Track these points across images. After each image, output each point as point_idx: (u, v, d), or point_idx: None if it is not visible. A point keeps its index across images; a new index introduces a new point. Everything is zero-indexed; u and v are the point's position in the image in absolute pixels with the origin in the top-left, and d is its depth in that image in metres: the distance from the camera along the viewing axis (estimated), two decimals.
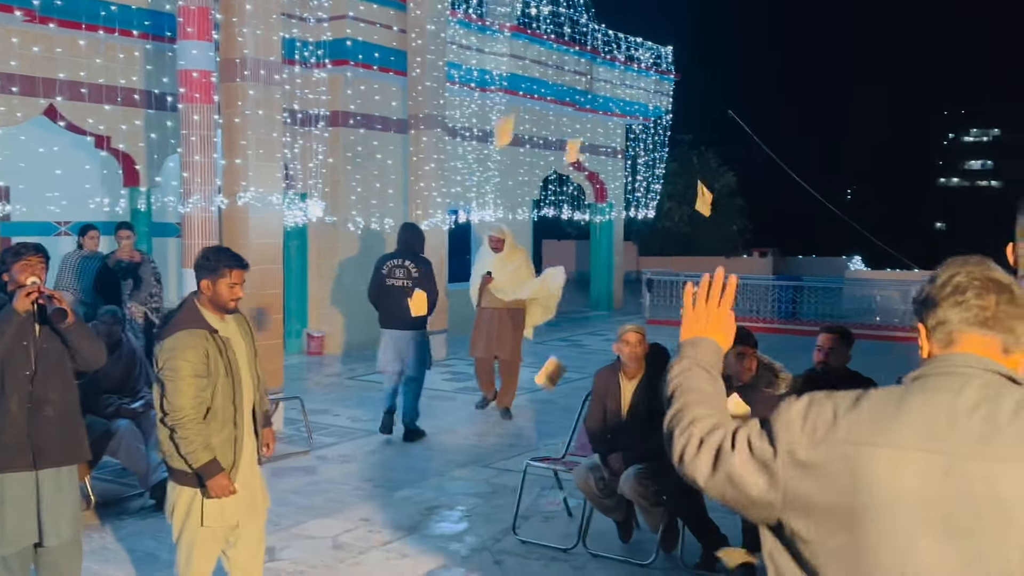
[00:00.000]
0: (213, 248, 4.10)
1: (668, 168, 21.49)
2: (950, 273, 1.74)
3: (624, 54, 17.83)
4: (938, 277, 1.75)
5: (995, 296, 1.69)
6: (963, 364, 1.67)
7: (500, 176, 15.12)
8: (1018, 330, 1.69)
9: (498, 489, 6.60)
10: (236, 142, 8.32)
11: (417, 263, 7.99)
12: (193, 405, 3.80)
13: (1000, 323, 1.69)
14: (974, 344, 1.69)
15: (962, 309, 1.70)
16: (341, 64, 11.89)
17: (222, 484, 3.84)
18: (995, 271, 1.73)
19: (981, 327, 1.69)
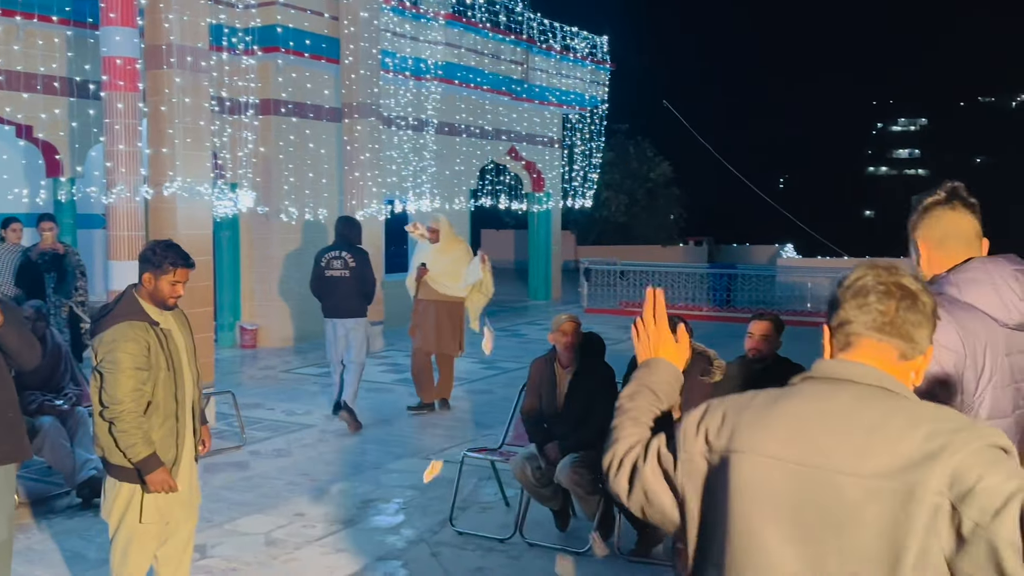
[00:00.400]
0: (162, 243, 3.96)
1: (605, 158, 21.62)
2: (857, 275, 1.73)
3: (560, 43, 17.84)
4: (846, 279, 1.75)
5: (896, 302, 1.68)
6: (844, 372, 1.69)
7: (437, 166, 15.03)
8: (916, 337, 1.69)
9: (435, 481, 6.52)
10: (163, 131, 8.10)
11: (353, 254, 8.13)
12: (133, 398, 3.70)
13: (898, 329, 1.68)
14: (870, 349, 1.69)
15: (863, 312, 1.70)
16: (271, 51, 11.68)
17: (162, 479, 3.75)
18: (903, 277, 1.72)
19: (879, 332, 1.68)
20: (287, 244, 12.56)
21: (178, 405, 3.87)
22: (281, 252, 12.52)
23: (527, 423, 5.51)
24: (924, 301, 1.70)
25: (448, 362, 8.84)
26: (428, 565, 5.02)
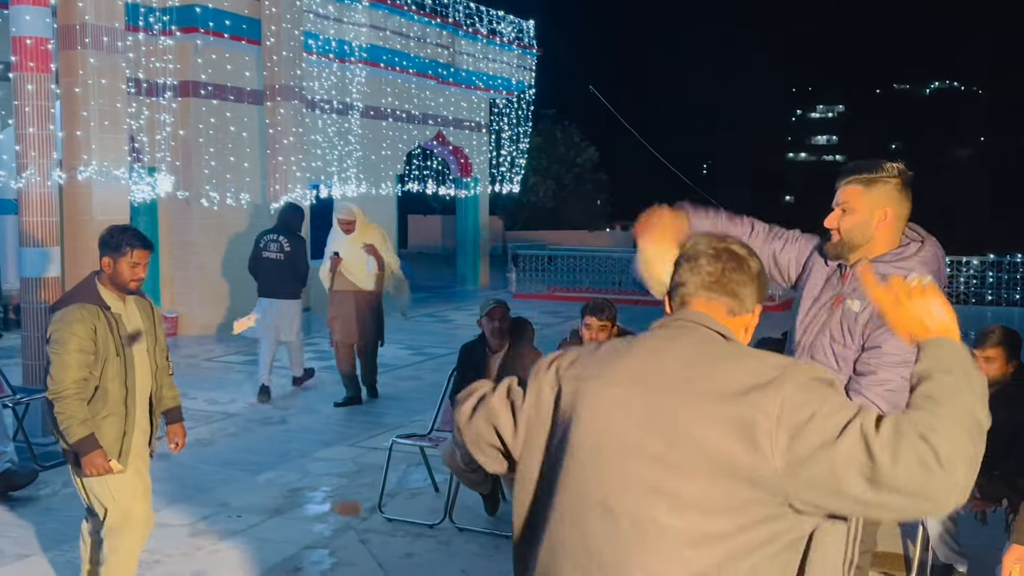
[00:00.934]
0: (119, 226, 3.97)
1: (532, 143, 21.64)
2: (691, 243, 1.95)
3: (486, 28, 17.77)
4: (683, 248, 1.97)
5: (723, 264, 1.88)
6: (689, 317, 1.87)
7: (362, 150, 14.85)
8: (742, 294, 1.88)
9: (364, 468, 6.51)
10: (76, 113, 7.84)
11: (289, 239, 8.55)
12: (75, 380, 3.67)
13: (725, 287, 1.88)
14: (701, 306, 1.88)
15: (694, 274, 1.89)
16: (190, 32, 11.38)
17: (97, 462, 3.68)
18: (732, 244, 1.92)
19: (707, 290, 1.88)
20: (208, 230, 12.29)
21: (128, 393, 3.80)
22: (201, 238, 12.25)
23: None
24: (750, 264, 1.90)
25: (371, 352, 8.59)
26: (357, 552, 4.98)
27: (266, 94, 12.40)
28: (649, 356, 1.82)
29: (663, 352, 1.81)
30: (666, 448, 1.69)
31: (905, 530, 4.81)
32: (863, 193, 2.85)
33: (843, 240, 2.88)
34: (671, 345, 1.82)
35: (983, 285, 15.60)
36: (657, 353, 1.82)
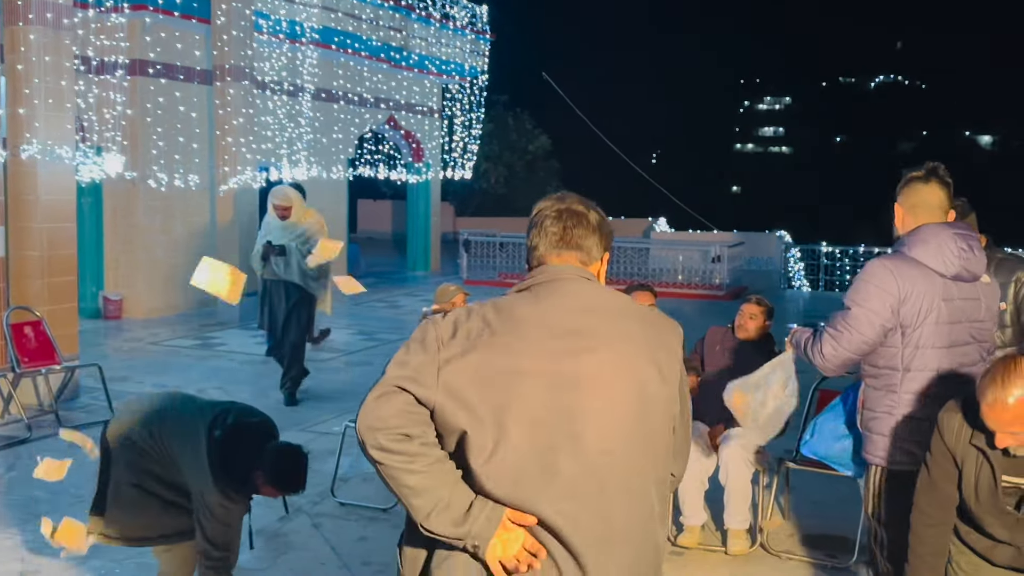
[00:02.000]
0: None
1: (484, 129, 21.58)
2: (539, 208, 2.16)
3: (439, 12, 17.68)
4: (532, 214, 2.16)
5: (565, 222, 2.09)
6: (558, 273, 2.06)
7: (313, 133, 14.70)
8: (586, 246, 2.10)
9: (315, 453, 6.44)
10: (20, 90, 7.65)
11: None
12: None
13: (570, 242, 2.09)
14: (555, 261, 2.09)
15: (543, 236, 2.11)
16: (139, 9, 11.16)
17: None
18: (572, 203, 2.13)
19: (556, 247, 2.10)
20: (154, 212, 12.09)
21: None
22: (148, 220, 12.04)
23: None
24: (589, 219, 2.12)
25: (294, 349, 7.88)
26: (309, 537, 4.98)
27: (216, 74, 12.21)
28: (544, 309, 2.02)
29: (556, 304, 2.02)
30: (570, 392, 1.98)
31: (849, 513, 4.94)
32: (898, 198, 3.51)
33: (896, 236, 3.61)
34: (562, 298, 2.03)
35: None
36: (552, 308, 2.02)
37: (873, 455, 3.37)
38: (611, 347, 1.99)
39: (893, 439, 3.29)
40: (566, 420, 1.93)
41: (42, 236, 7.68)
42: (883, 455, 3.33)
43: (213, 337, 10.77)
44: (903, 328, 3.25)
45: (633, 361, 2.00)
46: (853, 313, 3.29)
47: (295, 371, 7.91)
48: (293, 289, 7.72)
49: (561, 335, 1.97)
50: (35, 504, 5.37)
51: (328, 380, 8.86)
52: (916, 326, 3.23)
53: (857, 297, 3.30)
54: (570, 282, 2.05)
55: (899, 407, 3.29)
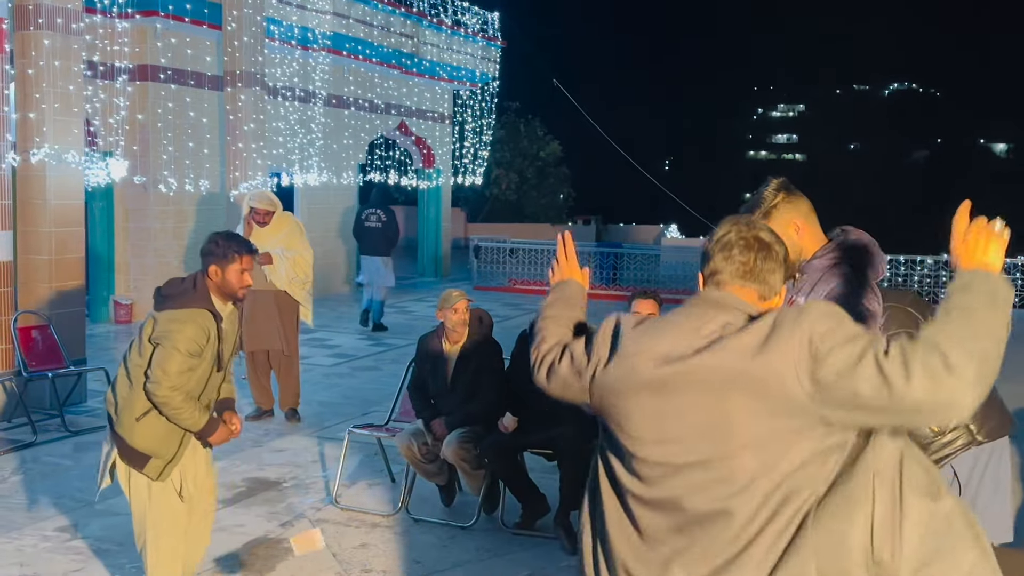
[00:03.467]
0: (222, 233, 3.94)
1: (495, 135, 21.61)
2: (723, 231, 2.11)
3: (451, 18, 17.70)
4: (715, 234, 2.12)
5: (755, 253, 2.06)
6: (724, 300, 2.05)
7: (324, 139, 14.74)
8: (771, 281, 2.07)
9: (320, 458, 6.47)
10: (30, 95, 7.67)
11: (385, 212, 11.66)
12: (174, 383, 3.64)
13: (757, 276, 2.06)
14: (736, 291, 2.06)
15: (728, 263, 2.06)
16: (150, 15, 11.20)
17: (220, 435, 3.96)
18: (760, 231, 2.09)
19: (743, 279, 2.06)
20: (165, 216, 12.12)
21: (199, 400, 3.80)
22: (158, 224, 12.08)
23: (414, 399, 5.49)
24: (776, 251, 2.08)
25: (288, 364, 7.45)
26: None
27: (226, 80, 12.24)
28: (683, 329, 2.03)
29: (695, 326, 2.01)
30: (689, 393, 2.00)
31: None
32: (773, 223, 3.01)
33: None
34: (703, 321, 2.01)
35: (936, 284, 15.87)
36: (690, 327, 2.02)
37: None
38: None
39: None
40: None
41: (51, 240, 7.70)
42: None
43: None
44: None
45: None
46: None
47: (293, 385, 7.50)
48: (282, 297, 7.30)
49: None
50: (38, 508, 5.38)
51: (334, 385, 8.85)
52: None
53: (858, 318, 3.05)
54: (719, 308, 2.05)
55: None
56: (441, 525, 5.23)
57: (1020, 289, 15.46)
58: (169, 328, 3.66)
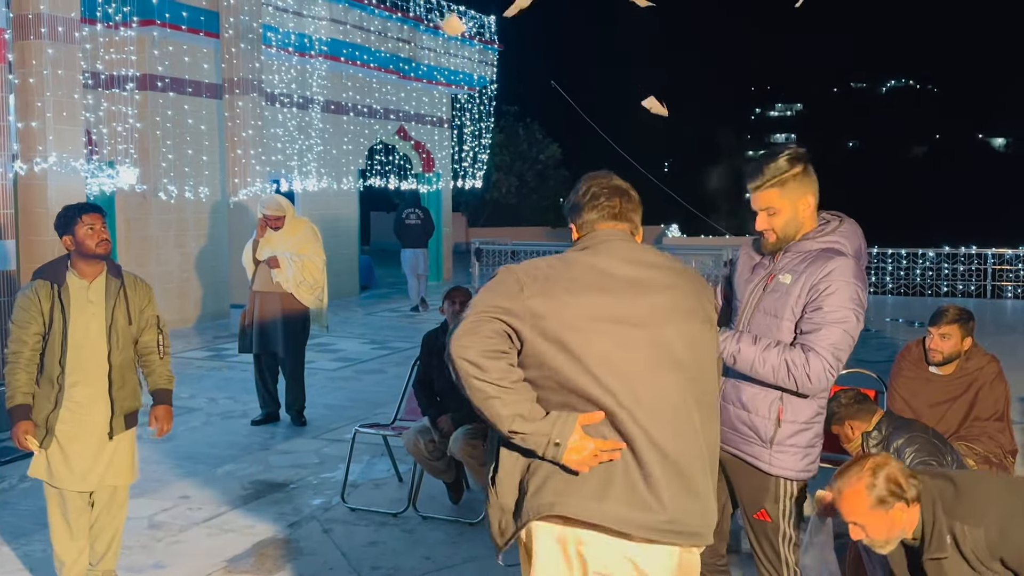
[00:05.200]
0: (63, 207, 4.05)
1: (494, 139, 21.62)
2: (586, 186, 2.54)
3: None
4: (579, 190, 2.54)
5: (619, 198, 2.51)
6: (608, 235, 2.48)
7: (323, 145, 14.76)
8: (635, 219, 2.54)
9: (326, 459, 6.48)
10: (32, 104, 7.73)
11: (421, 211, 14.25)
12: (15, 350, 3.88)
13: (624, 216, 2.51)
14: (608, 228, 2.49)
15: (598, 210, 2.50)
16: (147, 24, 11.23)
17: (17, 434, 3.88)
18: (616, 180, 2.54)
19: (612, 220, 2.50)
20: (166, 224, 12.14)
21: (61, 371, 3.87)
22: (160, 232, 12.09)
23: (419, 396, 5.49)
24: (633, 195, 2.55)
25: (296, 370, 7.48)
26: (320, 542, 4.96)
27: (225, 87, 12.27)
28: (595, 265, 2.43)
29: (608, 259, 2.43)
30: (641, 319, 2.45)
31: None
32: (782, 193, 3.04)
33: (780, 237, 3.10)
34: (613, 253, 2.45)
35: (939, 276, 15.86)
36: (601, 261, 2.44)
37: (786, 469, 3.11)
38: (665, 292, 2.41)
39: (809, 450, 3.14)
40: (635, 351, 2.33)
41: (53, 249, 7.72)
42: (799, 467, 3.12)
43: (225, 348, 10.78)
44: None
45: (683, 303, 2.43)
46: (854, 322, 2.96)
47: (300, 388, 7.49)
48: (289, 300, 7.27)
49: (622, 282, 2.37)
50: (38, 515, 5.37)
51: (339, 388, 8.85)
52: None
53: (857, 302, 2.97)
54: (623, 241, 2.47)
55: (819, 416, 3.14)
56: (450, 522, 5.23)
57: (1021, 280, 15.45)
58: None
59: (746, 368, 3.04)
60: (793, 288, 3.04)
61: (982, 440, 4.42)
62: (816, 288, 2.98)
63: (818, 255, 3.04)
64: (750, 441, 3.13)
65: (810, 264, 3.03)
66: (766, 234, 3.12)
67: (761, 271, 3.20)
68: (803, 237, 3.09)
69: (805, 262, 3.05)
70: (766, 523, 3.16)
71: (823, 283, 2.97)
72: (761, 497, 3.14)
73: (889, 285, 16.28)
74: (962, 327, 4.50)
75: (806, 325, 2.99)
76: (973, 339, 4.60)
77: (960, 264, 15.91)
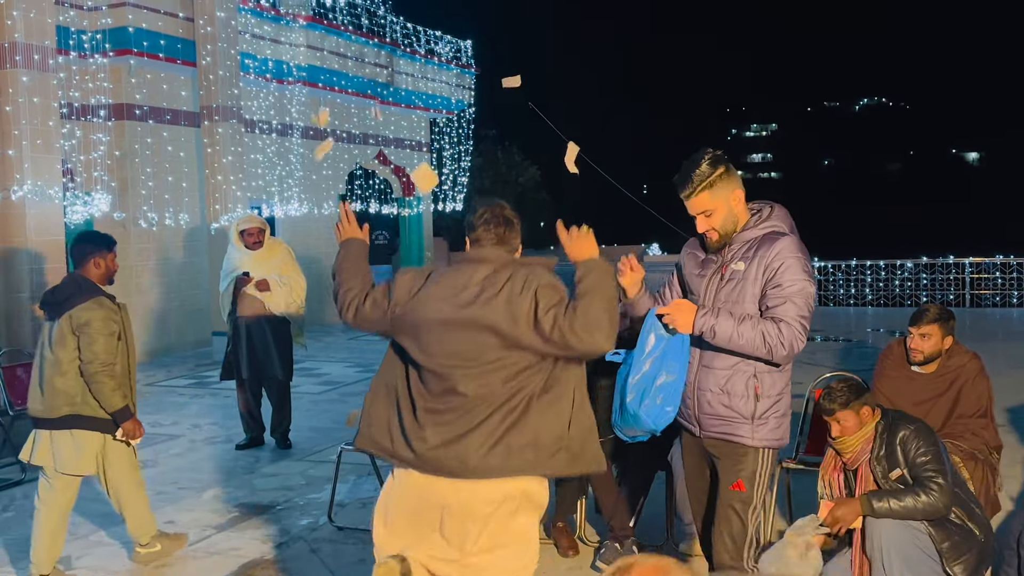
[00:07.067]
0: (89, 231, 4.89)
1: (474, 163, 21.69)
2: (482, 210, 3.02)
3: (424, 47, 17.83)
4: (476, 211, 3.03)
5: (504, 227, 2.99)
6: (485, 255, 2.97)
7: (303, 170, 14.76)
8: (513, 243, 3.01)
9: (312, 481, 6.43)
10: (8, 132, 7.71)
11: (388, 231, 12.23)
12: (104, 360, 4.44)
13: (505, 241, 2.99)
14: (490, 250, 2.97)
15: (488, 233, 2.98)
16: (123, 53, 11.23)
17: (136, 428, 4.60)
18: (506, 209, 3.02)
19: (495, 244, 2.98)
20: (146, 252, 12.07)
21: (131, 374, 4.60)
22: (140, 261, 12.02)
23: None
24: (514, 222, 3.03)
25: (284, 391, 7.43)
26: (308, 562, 4.91)
27: (203, 114, 12.27)
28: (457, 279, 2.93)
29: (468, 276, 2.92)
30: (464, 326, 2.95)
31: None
32: (712, 195, 3.33)
33: (722, 234, 3.39)
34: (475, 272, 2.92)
35: (917, 287, 16.00)
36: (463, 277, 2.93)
37: (766, 439, 3.37)
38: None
39: (783, 419, 3.41)
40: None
41: (32, 278, 7.67)
42: (777, 436, 3.39)
43: (208, 376, 10.71)
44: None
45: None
46: (810, 290, 3.27)
47: (286, 411, 7.43)
48: (278, 324, 7.22)
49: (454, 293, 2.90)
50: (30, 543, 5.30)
51: (324, 411, 8.81)
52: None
53: (807, 272, 3.27)
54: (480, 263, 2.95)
55: (788, 387, 3.42)
56: None
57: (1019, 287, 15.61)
58: (85, 318, 4.39)
59: (724, 341, 3.26)
60: (748, 273, 3.31)
61: (966, 437, 4.45)
62: (771, 267, 3.26)
63: (763, 239, 3.32)
64: (733, 421, 3.37)
65: (758, 248, 3.31)
66: (708, 234, 3.41)
67: (712, 265, 3.46)
68: (743, 228, 3.37)
69: (752, 248, 3.33)
70: (740, 493, 3.38)
71: (776, 261, 3.26)
72: (740, 468, 3.38)
73: (869, 296, 16.39)
74: (942, 326, 4.54)
75: (771, 301, 3.27)
76: (954, 337, 4.63)
77: (938, 274, 16.06)
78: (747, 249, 3.33)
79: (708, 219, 3.35)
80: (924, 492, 3.60)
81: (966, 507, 3.78)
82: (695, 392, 3.43)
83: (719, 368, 3.36)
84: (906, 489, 3.65)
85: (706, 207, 3.33)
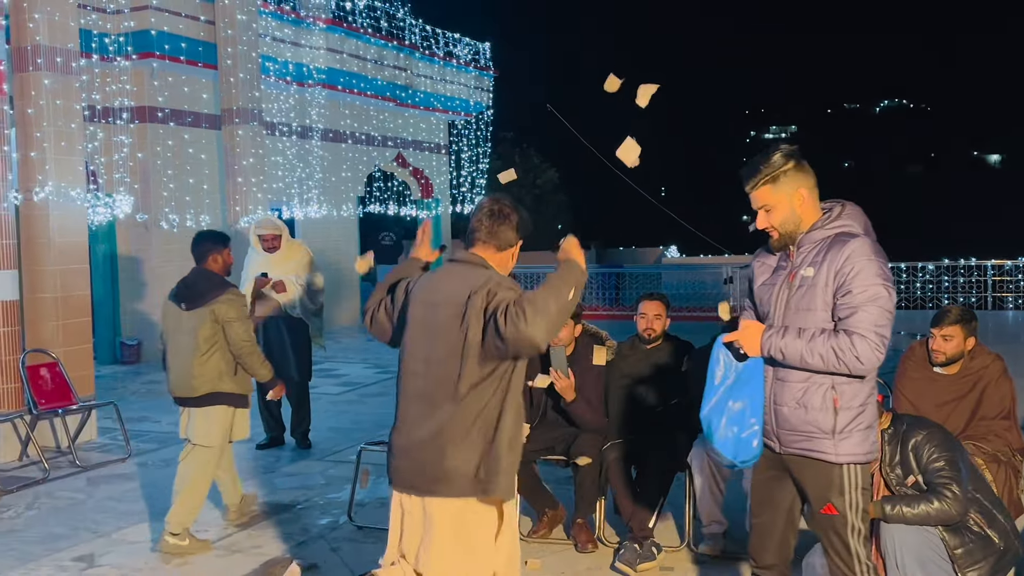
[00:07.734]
0: (207, 230, 5.55)
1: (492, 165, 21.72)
2: (480, 203, 3.17)
3: (443, 50, 17.88)
4: (480, 206, 3.17)
5: (494, 220, 3.11)
6: (470, 258, 3.12)
7: (323, 172, 14.84)
8: (506, 237, 3.12)
9: (332, 480, 6.46)
10: (31, 134, 7.74)
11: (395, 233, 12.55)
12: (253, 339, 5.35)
13: (495, 236, 3.12)
14: (481, 247, 3.13)
15: (480, 224, 3.12)
16: (146, 56, 11.33)
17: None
18: (503, 204, 3.14)
19: (485, 240, 3.12)
20: (169, 254, 12.15)
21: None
22: (162, 263, 12.10)
23: None
24: (510, 215, 3.13)
25: (303, 392, 7.47)
26: (328, 560, 4.93)
27: (224, 117, 12.35)
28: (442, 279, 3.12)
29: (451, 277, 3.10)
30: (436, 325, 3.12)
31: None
32: (774, 189, 3.10)
33: (782, 233, 3.16)
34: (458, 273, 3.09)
35: (939, 289, 15.90)
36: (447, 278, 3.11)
37: (851, 454, 3.09)
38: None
39: (868, 432, 3.12)
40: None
41: (56, 278, 7.73)
42: (864, 450, 3.11)
43: None
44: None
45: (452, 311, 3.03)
46: (886, 296, 2.97)
47: (305, 411, 7.49)
48: (295, 324, 7.27)
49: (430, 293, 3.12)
50: (53, 541, 5.35)
51: (343, 412, 8.84)
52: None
53: (883, 276, 2.98)
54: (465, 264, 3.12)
55: (872, 396, 3.14)
56: None
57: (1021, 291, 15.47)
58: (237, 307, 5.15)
59: (796, 360, 3.04)
60: (818, 279, 3.06)
61: (989, 439, 4.41)
62: (841, 272, 3.00)
63: (833, 241, 3.06)
64: (814, 437, 3.10)
65: (827, 252, 3.05)
66: (769, 232, 3.18)
67: (781, 272, 3.21)
68: (811, 228, 3.11)
69: (822, 251, 3.07)
70: (833, 517, 3.11)
71: (846, 266, 2.99)
72: (827, 490, 3.12)
73: None
74: (964, 327, 4.50)
75: (842, 311, 3.00)
76: (976, 338, 4.59)
77: (960, 276, 15.95)
78: (816, 252, 3.08)
79: (767, 215, 3.13)
80: (937, 499, 3.58)
81: (987, 513, 3.75)
82: (771, 407, 3.17)
83: (794, 381, 3.11)
84: (919, 496, 3.63)
85: (766, 201, 3.11)
